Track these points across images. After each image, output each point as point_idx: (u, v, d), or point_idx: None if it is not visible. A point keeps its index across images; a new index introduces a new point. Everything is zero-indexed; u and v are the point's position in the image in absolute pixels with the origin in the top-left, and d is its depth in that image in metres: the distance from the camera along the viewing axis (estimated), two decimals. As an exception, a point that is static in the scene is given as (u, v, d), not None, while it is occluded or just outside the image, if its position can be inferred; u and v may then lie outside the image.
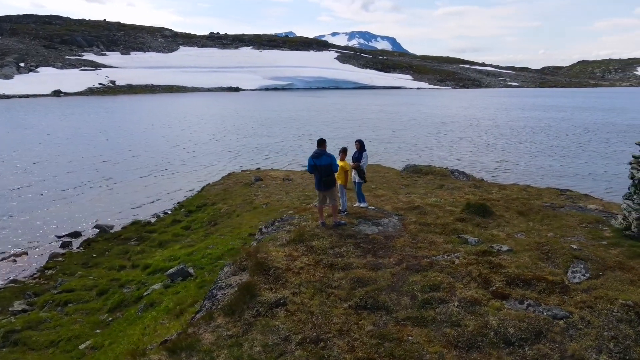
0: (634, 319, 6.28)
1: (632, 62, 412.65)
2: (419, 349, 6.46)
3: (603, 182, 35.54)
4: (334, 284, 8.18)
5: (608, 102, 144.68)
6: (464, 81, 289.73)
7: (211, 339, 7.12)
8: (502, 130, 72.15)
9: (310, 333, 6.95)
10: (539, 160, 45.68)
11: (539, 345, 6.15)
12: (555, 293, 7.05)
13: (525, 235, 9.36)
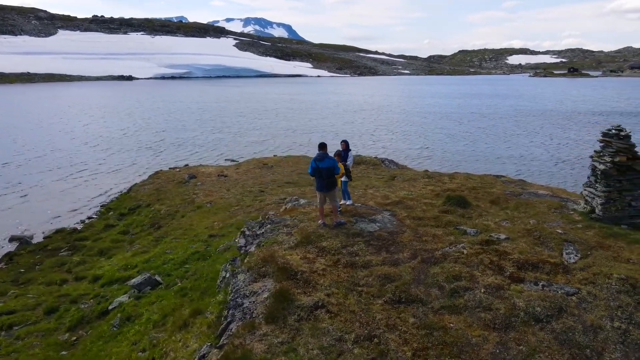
0: (630, 290, 7.64)
1: (502, 52, 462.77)
2: (463, 334, 7.23)
3: (512, 165, 39.92)
4: (361, 282, 8.66)
5: (491, 89, 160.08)
6: (361, 69, 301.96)
7: (263, 348, 7.25)
8: (411, 117, 77.01)
9: (361, 331, 7.39)
10: (452, 145, 49.76)
11: (563, 319, 7.24)
12: (560, 273, 8.25)
13: (510, 223, 10.61)
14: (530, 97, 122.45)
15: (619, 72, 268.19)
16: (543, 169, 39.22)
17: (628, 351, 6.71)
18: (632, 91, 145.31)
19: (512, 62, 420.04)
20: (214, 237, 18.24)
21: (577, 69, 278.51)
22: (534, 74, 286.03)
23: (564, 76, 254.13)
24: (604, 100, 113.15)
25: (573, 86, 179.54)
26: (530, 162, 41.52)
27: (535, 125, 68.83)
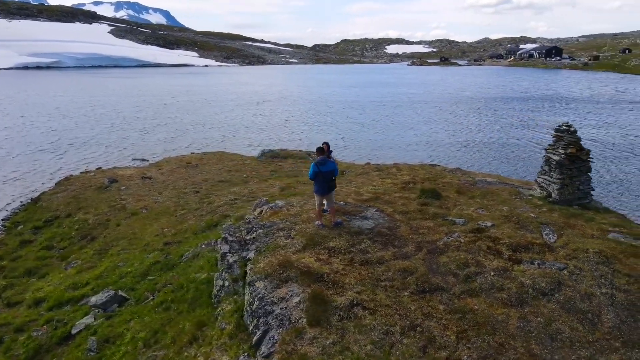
0: (605, 260, 9.30)
1: (381, 42, 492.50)
2: (489, 314, 8.27)
3: (423, 152, 43.23)
4: (382, 277, 9.31)
5: (381, 78, 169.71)
6: (249, 58, 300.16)
7: (317, 351, 7.59)
8: (317, 107, 78.89)
9: (403, 322, 8.07)
10: (365, 135, 52.29)
11: (563, 291, 8.64)
12: (547, 252, 9.71)
13: (486, 210, 11.99)
14: (417, 85, 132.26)
15: (481, 61, 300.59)
16: (450, 154, 43.17)
17: (617, 311, 8.27)
18: (498, 78, 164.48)
19: (390, 52, 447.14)
20: (170, 244, 17.53)
21: (448, 58, 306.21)
22: (411, 62, 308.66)
23: (437, 65, 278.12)
24: (479, 86, 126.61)
25: (449, 74, 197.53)
26: (437, 148, 45.35)
27: (430, 111, 74.95)
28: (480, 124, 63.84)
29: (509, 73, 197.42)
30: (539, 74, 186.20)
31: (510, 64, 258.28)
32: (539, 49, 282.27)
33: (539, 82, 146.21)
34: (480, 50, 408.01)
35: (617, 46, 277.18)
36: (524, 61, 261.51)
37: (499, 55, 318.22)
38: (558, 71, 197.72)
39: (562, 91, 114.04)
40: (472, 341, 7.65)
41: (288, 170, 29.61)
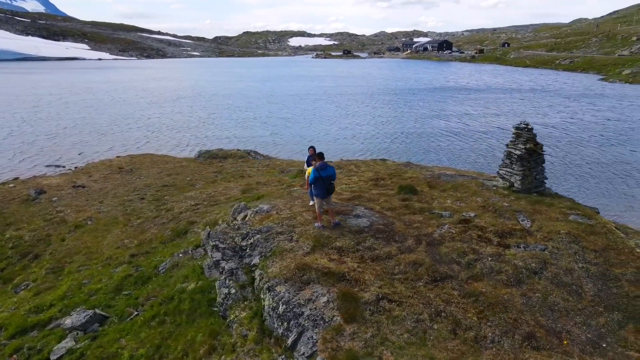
0: (574, 240, 10.97)
1: (284, 34, 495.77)
2: (496, 294, 9.45)
3: (353, 145, 44.99)
4: (395, 270, 10.13)
5: (290, 71, 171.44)
6: (147, 51, 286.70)
7: (361, 345, 8.23)
8: (237, 102, 78.08)
9: (429, 310, 8.96)
10: (294, 130, 52.97)
11: (549, 269, 10.10)
12: (527, 236, 11.17)
13: (462, 202, 13.28)
14: (329, 78, 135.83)
15: (381, 54, 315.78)
16: (377, 145, 45.53)
17: (594, 281, 9.90)
18: (400, 70, 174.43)
19: (293, 44, 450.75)
20: (137, 256, 16.87)
21: (350, 51, 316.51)
22: (315, 55, 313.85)
23: (340, 57, 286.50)
24: (386, 78, 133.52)
25: (354, 66, 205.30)
26: (365, 141, 47.47)
27: (348, 104, 77.89)
28: (397, 115, 67.60)
29: (409, 65, 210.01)
30: (436, 66, 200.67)
31: (408, 57, 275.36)
32: (432, 43, 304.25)
33: (438, 74, 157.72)
34: (379, 43, 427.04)
35: (496, 40, 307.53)
36: (420, 54, 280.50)
37: (396, 49, 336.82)
38: (450, 63, 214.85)
39: (461, 82, 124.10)
40: (491, 320, 8.75)
41: (232, 170, 29.37)
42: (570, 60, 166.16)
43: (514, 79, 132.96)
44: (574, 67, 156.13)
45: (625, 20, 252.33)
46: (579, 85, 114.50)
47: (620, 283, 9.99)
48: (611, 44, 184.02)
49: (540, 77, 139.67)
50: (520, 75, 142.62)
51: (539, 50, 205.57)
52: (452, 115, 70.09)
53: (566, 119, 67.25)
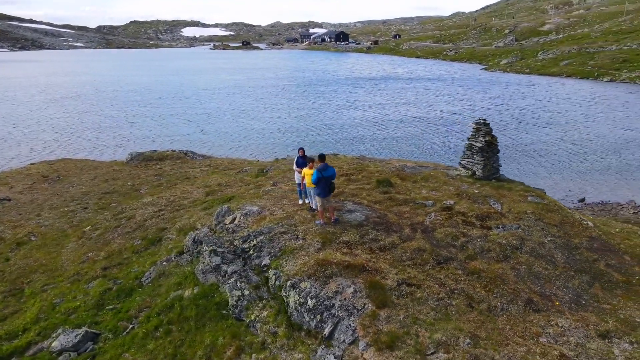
0: (538, 218, 12.96)
1: (176, 24, 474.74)
2: (492, 269, 11.03)
3: (290, 139, 45.65)
4: (404, 257, 11.28)
5: (192, 64, 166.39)
6: (21, 42, 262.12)
7: (397, 326, 9.28)
8: (148, 99, 75.06)
9: (444, 289, 10.26)
10: (221, 125, 52.50)
11: (526, 244, 11.94)
12: (501, 217, 12.95)
13: (437, 192, 14.77)
14: (235, 71, 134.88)
15: (280, 45, 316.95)
16: (313, 138, 46.91)
17: (561, 251, 11.91)
18: (304, 61, 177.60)
19: (187, 35, 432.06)
20: (110, 269, 16.26)
21: (249, 42, 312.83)
22: (214, 46, 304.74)
23: (240, 49, 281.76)
24: (293, 70, 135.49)
25: (257, 58, 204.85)
26: (294, 134, 48.52)
27: (263, 97, 78.32)
28: (315, 107, 69.37)
29: (310, 56, 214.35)
30: (336, 57, 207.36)
31: (307, 48, 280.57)
32: (329, 34, 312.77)
33: (341, 64, 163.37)
34: (276, 34, 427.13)
35: (388, 32, 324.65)
36: (318, 45, 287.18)
37: (294, 40, 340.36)
38: (348, 54, 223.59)
39: (364, 73, 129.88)
40: (495, 292, 10.27)
41: (174, 173, 28.62)
42: (456, 51, 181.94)
43: (411, 69, 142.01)
44: (459, 58, 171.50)
45: (497, 14, 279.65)
46: (468, 74, 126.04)
47: (580, 250, 12.12)
48: (488, 36, 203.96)
49: (433, 67, 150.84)
50: (415, 66, 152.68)
51: (427, 42, 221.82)
52: (367, 105, 73.51)
53: (466, 106, 73.77)
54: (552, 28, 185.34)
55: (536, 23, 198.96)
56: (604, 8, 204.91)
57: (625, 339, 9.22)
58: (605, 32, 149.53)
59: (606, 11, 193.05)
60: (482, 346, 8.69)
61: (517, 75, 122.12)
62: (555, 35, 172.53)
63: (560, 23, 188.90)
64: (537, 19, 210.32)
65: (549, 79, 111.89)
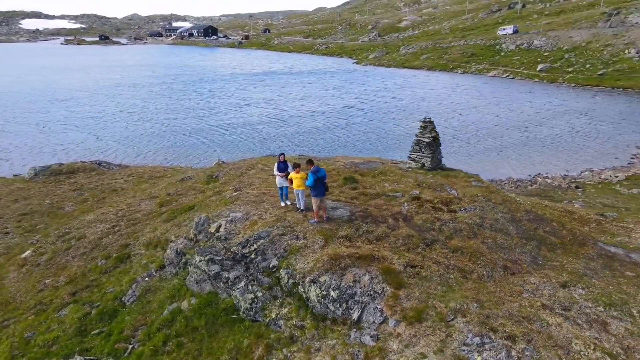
0: (487, 199, 15.59)
1: (13, 15, 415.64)
2: (469, 245, 13.23)
3: (185, 142, 44.54)
4: (398, 243, 12.95)
5: (49, 62, 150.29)
6: None
7: (416, 302, 10.95)
8: (12, 102, 65.92)
9: (440, 266, 12.16)
10: (117, 131, 48.97)
11: (486, 221, 14.43)
12: (461, 202, 15.30)
13: (399, 184, 16.63)
14: (106, 69, 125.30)
15: (143, 39, 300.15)
16: (215, 139, 46.39)
17: (511, 224, 14.62)
18: (175, 58, 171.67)
19: (28, 27, 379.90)
20: (79, 292, 15.34)
21: (107, 36, 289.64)
22: (65, 41, 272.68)
23: (98, 44, 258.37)
24: (168, 67, 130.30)
25: (121, 54, 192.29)
26: (201, 136, 47.63)
27: (149, 97, 74.92)
28: (211, 106, 68.52)
29: (181, 52, 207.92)
30: (209, 52, 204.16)
31: (174, 43, 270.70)
32: (197, 28, 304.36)
33: (217, 60, 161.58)
34: (135, 27, 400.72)
35: (256, 26, 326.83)
36: (186, 40, 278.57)
37: (158, 34, 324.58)
38: (221, 49, 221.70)
39: (246, 68, 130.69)
40: (479, 263, 12.47)
41: (95, 186, 26.82)
42: (326, 46, 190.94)
43: (290, 64, 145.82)
44: (330, 52, 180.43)
45: (357, 10, 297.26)
46: (343, 68, 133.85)
47: (523, 222, 14.98)
48: (354, 31, 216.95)
49: (309, 61, 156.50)
50: (292, 60, 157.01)
51: (298, 37, 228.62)
52: (262, 102, 74.33)
53: (354, 98, 78.54)
54: (408, 25, 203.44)
55: (394, 20, 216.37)
56: (448, 7, 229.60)
57: (578, 286, 12.02)
58: (452, 29, 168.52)
59: (451, 10, 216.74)
60: (486, 307, 10.72)
61: (386, 68, 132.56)
62: (412, 31, 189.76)
63: (415, 20, 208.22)
64: (395, 16, 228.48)
65: (414, 71, 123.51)
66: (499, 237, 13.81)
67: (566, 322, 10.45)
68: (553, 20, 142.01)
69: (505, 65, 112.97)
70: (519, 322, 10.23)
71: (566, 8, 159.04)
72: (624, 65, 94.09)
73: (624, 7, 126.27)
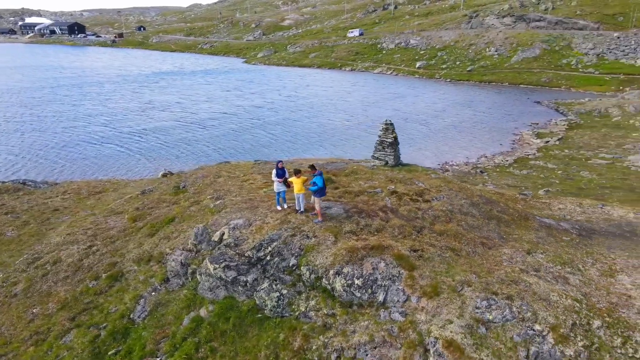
0: (449, 188, 18.30)
1: None
2: (449, 229, 15.70)
3: (112, 152, 42.12)
4: (396, 233, 14.95)
5: None
6: None
7: (430, 280, 13.08)
8: None
9: (436, 248, 14.42)
10: (9, 143, 44.01)
11: (455, 207, 17.09)
12: (430, 192, 17.77)
13: (373, 181, 18.56)
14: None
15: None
16: (138, 145, 44.58)
17: (473, 208, 17.48)
18: (46, 59, 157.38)
19: None
20: (79, 316, 14.86)
21: None
22: None
23: None
24: (41, 69, 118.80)
25: None
26: (124, 145, 45.29)
27: (39, 106, 68.32)
28: (110, 111, 65.54)
29: (46, 51, 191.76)
30: (81, 52, 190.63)
31: (33, 41, 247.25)
32: (60, 25, 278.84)
33: (95, 61, 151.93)
34: None
35: (128, 23, 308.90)
36: (47, 38, 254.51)
37: (11, 31, 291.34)
38: (92, 48, 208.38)
39: (132, 70, 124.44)
40: (462, 242, 15.00)
41: (30, 207, 24.86)
42: (211, 45, 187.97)
43: (179, 64, 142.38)
44: (216, 51, 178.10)
45: (236, 8, 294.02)
46: (237, 67, 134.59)
47: (480, 205, 17.95)
48: (237, 30, 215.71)
49: (198, 60, 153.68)
50: (180, 60, 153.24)
51: (178, 35, 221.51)
52: (167, 105, 72.16)
53: (261, 99, 79.61)
54: (291, 24, 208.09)
55: (277, 19, 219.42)
56: (327, 7, 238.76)
57: (538, 252, 15.11)
58: (335, 28, 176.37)
59: (330, 9, 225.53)
60: (482, 277, 13.20)
61: (278, 67, 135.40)
62: (295, 30, 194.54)
63: (297, 19, 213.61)
64: (277, 15, 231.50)
65: (306, 70, 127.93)
66: (469, 220, 16.52)
67: (541, 281, 13.30)
68: (423, 21, 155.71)
69: (388, 62, 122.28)
70: (510, 285, 12.84)
71: (432, 10, 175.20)
72: (487, 62, 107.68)
73: (480, 10, 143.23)
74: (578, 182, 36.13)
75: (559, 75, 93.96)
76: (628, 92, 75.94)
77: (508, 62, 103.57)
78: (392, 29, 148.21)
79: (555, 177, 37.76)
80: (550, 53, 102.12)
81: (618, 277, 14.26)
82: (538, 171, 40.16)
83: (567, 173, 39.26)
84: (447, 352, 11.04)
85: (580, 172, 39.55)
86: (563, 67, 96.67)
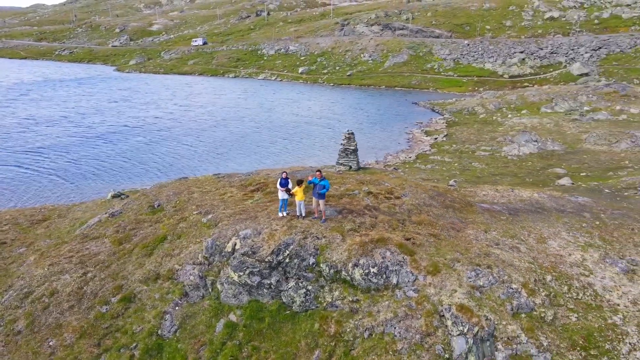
0: (409, 185, 21.70)
1: None
2: (424, 219, 18.97)
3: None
4: (386, 226, 17.73)
5: None
6: None
7: (427, 261, 16.09)
8: None
9: (422, 235, 17.54)
10: None
11: (420, 201, 20.49)
12: (398, 190, 20.89)
13: (347, 184, 21.01)
14: None
15: None
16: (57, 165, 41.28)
17: (431, 199, 21.06)
18: None
19: None
20: (103, 341, 15.06)
21: None
22: None
23: None
24: None
25: None
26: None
27: None
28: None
29: None
30: None
31: None
32: None
33: None
34: None
35: None
36: None
37: None
38: None
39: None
40: (438, 228, 18.34)
41: None
42: (71, 51, 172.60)
43: (40, 73, 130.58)
44: (78, 58, 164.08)
45: (90, 10, 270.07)
46: (110, 75, 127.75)
47: (435, 198, 21.59)
48: (99, 35, 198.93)
49: (60, 69, 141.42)
50: (39, 68, 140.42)
51: (27, 40, 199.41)
52: (53, 119, 66.99)
53: (156, 109, 77.31)
54: (161, 28, 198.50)
55: (144, 23, 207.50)
56: (196, 11, 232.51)
57: (491, 230, 19.07)
58: (208, 34, 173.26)
59: (201, 14, 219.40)
60: (464, 254, 16.64)
61: (155, 75, 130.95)
62: (167, 35, 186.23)
63: (167, 24, 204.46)
64: (143, 19, 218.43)
65: (188, 77, 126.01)
66: (434, 210, 20.00)
67: (503, 251, 17.16)
68: (298, 27, 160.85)
69: (271, 68, 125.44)
70: (486, 257, 16.45)
71: (305, 17, 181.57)
72: (363, 67, 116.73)
73: (350, 18, 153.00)
74: (474, 172, 42.52)
75: (426, 78, 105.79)
76: (484, 92, 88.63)
77: (382, 67, 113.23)
78: (269, 35, 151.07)
79: (455, 169, 43.84)
80: (416, 58, 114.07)
81: (549, 243, 18.74)
82: (440, 165, 46.12)
83: (462, 165, 45.70)
84: (461, 313, 14.12)
85: (472, 163, 46.31)
86: (428, 71, 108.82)
